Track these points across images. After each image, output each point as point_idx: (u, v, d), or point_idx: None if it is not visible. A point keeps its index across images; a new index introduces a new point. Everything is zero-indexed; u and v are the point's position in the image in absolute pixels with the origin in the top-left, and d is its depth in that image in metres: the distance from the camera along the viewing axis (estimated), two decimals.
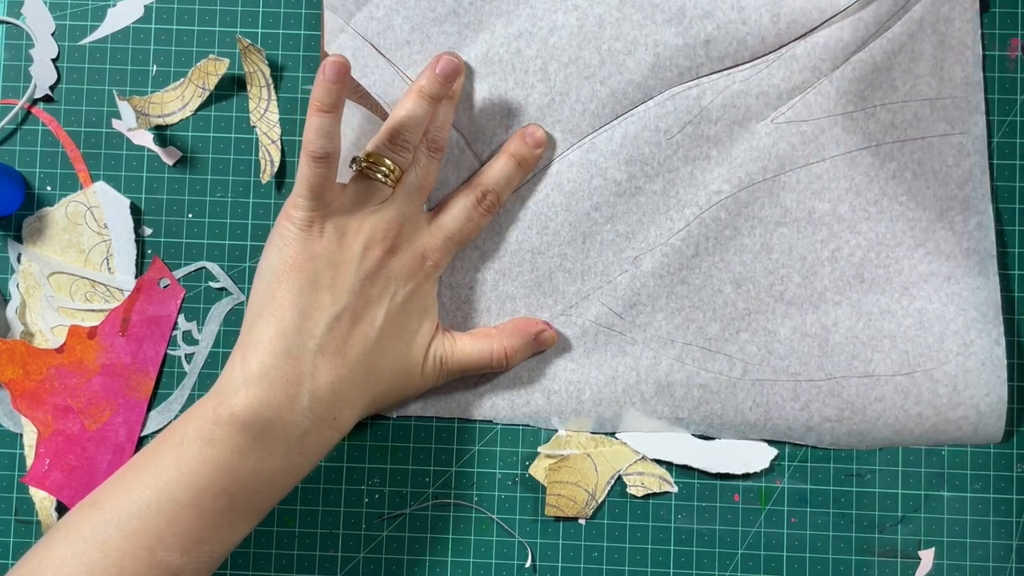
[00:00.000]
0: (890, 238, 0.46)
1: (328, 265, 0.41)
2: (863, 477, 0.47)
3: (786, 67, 0.46)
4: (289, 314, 0.40)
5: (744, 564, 0.47)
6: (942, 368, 0.46)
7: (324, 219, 0.41)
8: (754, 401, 0.47)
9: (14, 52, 0.49)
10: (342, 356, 0.40)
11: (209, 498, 0.38)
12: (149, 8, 0.49)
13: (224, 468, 0.38)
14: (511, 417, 0.48)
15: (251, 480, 0.38)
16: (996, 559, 0.46)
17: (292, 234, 0.41)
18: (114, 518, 0.37)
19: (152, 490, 0.38)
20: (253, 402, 0.38)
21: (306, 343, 0.39)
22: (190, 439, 0.38)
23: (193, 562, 0.38)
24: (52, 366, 0.48)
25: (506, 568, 0.47)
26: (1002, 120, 0.47)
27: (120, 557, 0.36)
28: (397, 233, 0.43)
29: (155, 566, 0.37)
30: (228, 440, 0.38)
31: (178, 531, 0.37)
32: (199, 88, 0.48)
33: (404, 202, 0.43)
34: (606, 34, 0.46)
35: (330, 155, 0.41)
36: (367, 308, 0.41)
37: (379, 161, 0.42)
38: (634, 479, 0.47)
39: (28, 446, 0.48)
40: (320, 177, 0.41)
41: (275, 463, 0.39)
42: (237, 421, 0.38)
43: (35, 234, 0.48)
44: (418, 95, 0.43)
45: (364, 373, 0.41)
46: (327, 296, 0.40)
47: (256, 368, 0.39)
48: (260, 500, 0.39)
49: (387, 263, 0.42)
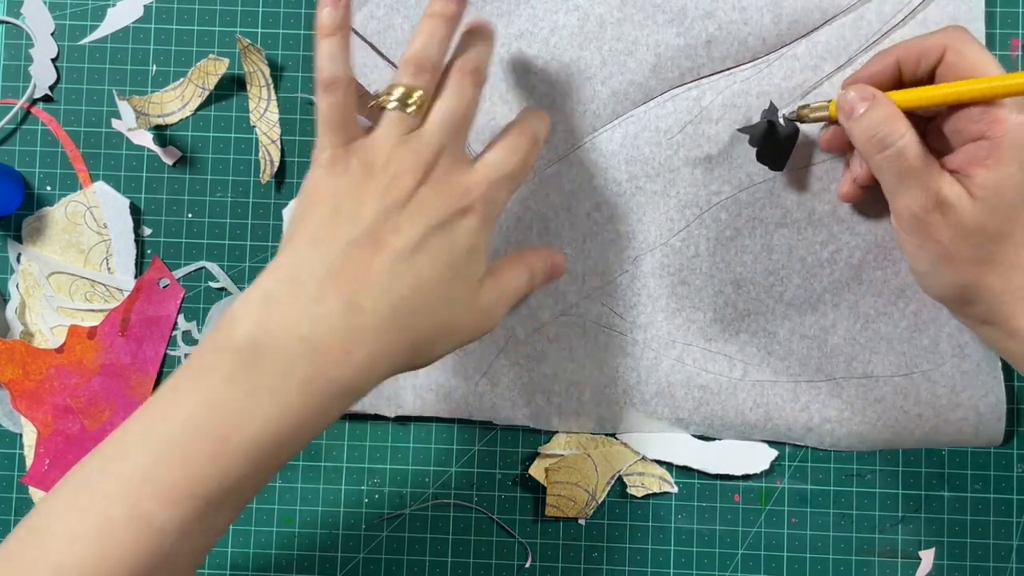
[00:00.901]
0: (888, 240, 0.46)
1: (350, 197, 0.36)
2: (863, 477, 0.47)
3: (787, 67, 0.46)
4: (303, 245, 0.36)
5: (744, 564, 0.47)
6: (939, 369, 0.46)
7: (348, 156, 0.37)
8: (754, 402, 0.47)
9: (14, 52, 0.49)
10: (357, 282, 0.35)
11: (197, 439, 0.33)
12: (149, 8, 0.49)
13: (214, 402, 0.34)
14: (511, 417, 0.48)
15: (243, 421, 0.33)
16: (996, 559, 0.46)
17: (316, 175, 0.37)
18: (101, 460, 0.34)
19: (142, 428, 0.34)
20: (248, 326, 0.34)
21: (314, 268, 0.35)
22: (184, 370, 0.35)
23: (179, 520, 0.33)
24: (52, 366, 0.48)
25: (506, 568, 0.47)
26: None
27: (106, 504, 0.33)
28: (430, 163, 0.37)
29: (139, 518, 0.32)
30: (220, 368, 0.34)
31: (163, 476, 0.33)
32: (199, 88, 0.48)
33: (437, 132, 0.38)
34: (607, 34, 0.46)
35: (340, 80, 0.37)
36: (394, 235, 0.36)
37: (394, 89, 0.38)
38: (634, 479, 0.47)
39: (28, 446, 0.48)
40: (336, 108, 0.37)
41: (271, 399, 0.34)
42: (230, 346, 0.34)
43: (35, 234, 0.48)
44: (430, 18, 0.39)
45: (389, 305, 0.35)
46: (346, 224, 0.36)
47: (256, 295, 0.35)
48: (256, 453, 0.34)
49: (418, 193, 0.37)
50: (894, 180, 0.39)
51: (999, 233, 0.38)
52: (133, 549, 0.32)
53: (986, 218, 0.37)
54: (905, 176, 0.38)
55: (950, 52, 0.38)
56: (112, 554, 0.32)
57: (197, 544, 0.34)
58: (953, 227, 0.38)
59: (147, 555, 0.32)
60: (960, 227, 0.38)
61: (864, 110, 0.39)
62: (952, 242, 0.38)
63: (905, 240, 0.40)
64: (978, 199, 0.37)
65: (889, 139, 0.38)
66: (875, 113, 0.39)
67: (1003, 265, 0.38)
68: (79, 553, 0.32)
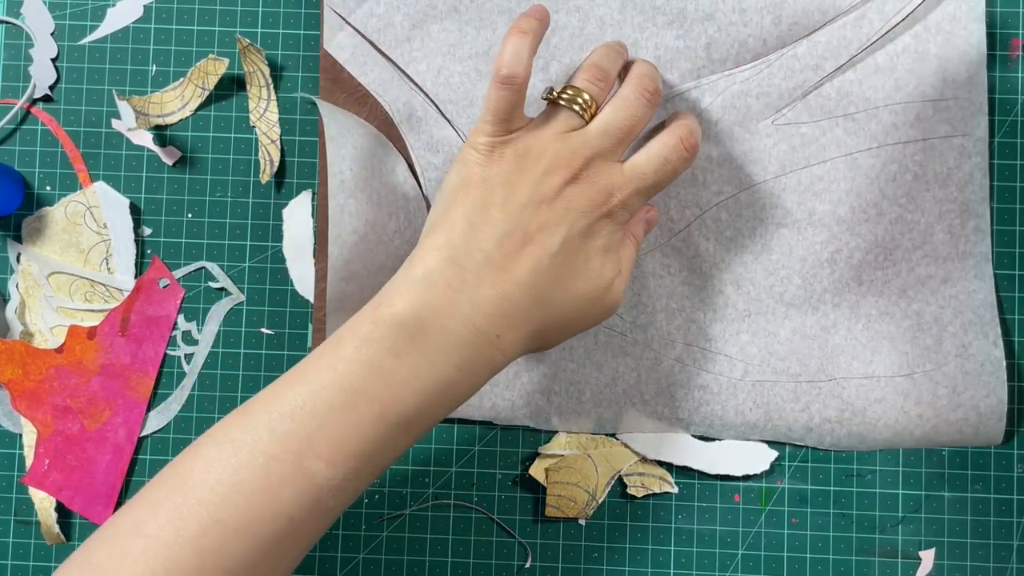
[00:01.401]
0: (888, 240, 0.46)
1: (503, 184, 0.39)
2: (864, 477, 0.47)
3: (787, 67, 0.46)
4: (459, 226, 0.39)
5: (744, 565, 0.47)
6: (941, 370, 0.46)
7: (506, 144, 0.40)
8: (754, 402, 0.46)
9: (13, 52, 0.49)
10: (509, 273, 0.38)
11: (362, 404, 0.36)
12: (148, 8, 0.49)
13: (378, 371, 0.37)
14: (511, 417, 0.47)
15: (404, 390, 0.37)
16: (997, 559, 0.46)
17: (472, 157, 0.40)
18: (265, 420, 0.36)
19: (306, 392, 0.37)
20: (412, 302, 0.37)
21: (472, 253, 0.38)
22: (347, 340, 0.37)
23: (339, 477, 0.36)
24: (51, 366, 0.48)
25: (506, 569, 0.47)
26: (1002, 120, 0.47)
27: (267, 460, 0.36)
28: (583, 164, 0.40)
29: (301, 474, 0.36)
30: (384, 340, 0.37)
31: (328, 437, 0.36)
32: (199, 88, 0.48)
33: (598, 137, 0.40)
34: (607, 36, 0.46)
35: (517, 78, 0.39)
36: (541, 231, 0.39)
37: (568, 88, 0.41)
38: (634, 479, 0.47)
39: (27, 446, 0.48)
40: (506, 101, 0.39)
41: (430, 371, 0.37)
42: (396, 320, 0.37)
43: (34, 234, 0.48)
44: (608, 46, 0.43)
45: (532, 297, 0.39)
46: (498, 213, 0.39)
47: (420, 271, 0.38)
48: (411, 417, 0.37)
49: (566, 191, 0.39)
50: None
51: None
52: (292, 503, 0.36)
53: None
54: None
55: None
56: (273, 508, 0.35)
57: (348, 498, 0.38)
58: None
59: (305, 508, 0.36)
60: None
61: None
62: None
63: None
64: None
65: None
66: None
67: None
68: (239, 505, 0.35)
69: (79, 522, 0.48)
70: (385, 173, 0.47)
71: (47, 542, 0.48)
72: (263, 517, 0.35)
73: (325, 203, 0.48)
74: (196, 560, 0.35)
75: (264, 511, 0.35)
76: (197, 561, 0.35)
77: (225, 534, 0.35)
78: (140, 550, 0.35)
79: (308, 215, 0.48)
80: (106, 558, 0.35)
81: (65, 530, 0.48)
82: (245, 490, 0.35)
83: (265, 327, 0.48)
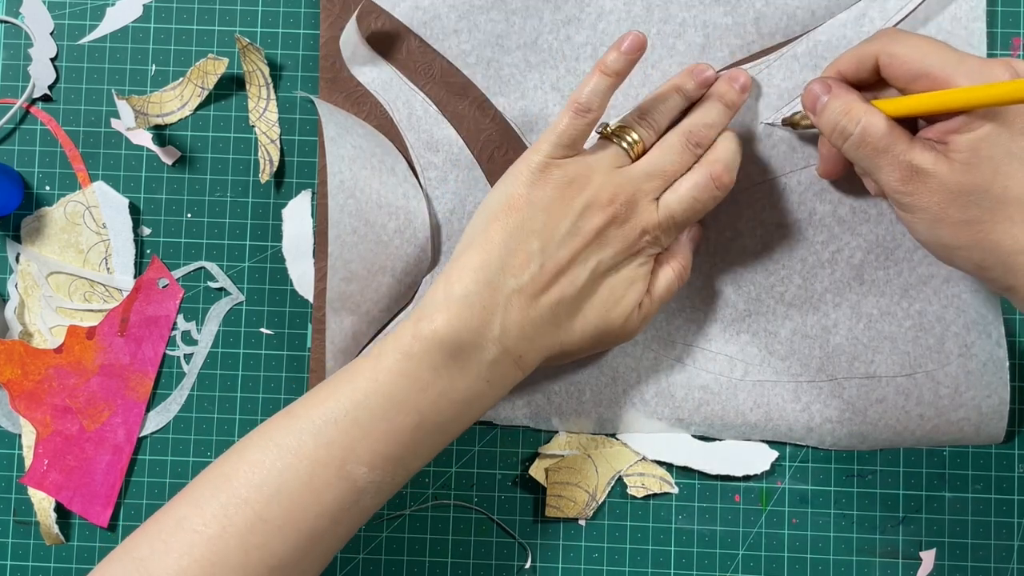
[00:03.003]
0: (889, 240, 0.46)
1: (544, 211, 0.41)
2: (864, 478, 0.47)
3: (787, 67, 0.46)
4: (497, 250, 0.40)
5: (745, 565, 0.47)
6: (943, 369, 0.46)
7: (558, 167, 0.41)
8: (755, 402, 0.46)
9: (13, 51, 0.49)
10: (535, 301, 0.40)
11: (403, 413, 0.39)
12: (148, 7, 0.48)
13: (418, 383, 0.39)
14: (511, 417, 0.47)
15: (441, 401, 0.39)
16: (998, 560, 0.46)
17: (523, 176, 0.41)
18: (309, 426, 0.39)
19: (349, 400, 0.39)
20: (452, 321, 0.39)
21: (507, 280, 0.40)
22: (389, 352, 0.39)
23: (377, 481, 0.39)
24: (51, 366, 0.48)
25: (506, 569, 0.47)
26: None
27: (311, 465, 0.38)
28: (623, 202, 0.41)
29: (344, 477, 0.38)
30: (425, 355, 0.39)
31: (370, 445, 0.38)
32: (198, 87, 0.48)
33: (641, 177, 0.42)
34: (654, 17, 0.46)
35: (593, 111, 0.41)
36: (572, 266, 0.41)
37: (622, 128, 0.43)
38: (634, 480, 0.47)
39: (27, 446, 0.48)
40: (576, 130, 0.41)
41: (464, 384, 0.40)
42: (437, 337, 0.39)
43: (34, 234, 0.48)
44: (674, 89, 0.44)
45: (553, 325, 0.41)
46: (536, 242, 0.40)
47: (459, 291, 0.40)
48: (445, 424, 0.40)
49: (603, 229, 0.41)
50: (867, 163, 0.40)
51: (987, 191, 0.38)
52: (335, 504, 0.38)
53: (967, 178, 0.38)
54: (874, 156, 0.39)
55: (883, 56, 0.39)
56: (315, 509, 0.38)
57: (385, 498, 0.40)
58: (936, 191, 0.38)
59: (345, 509, 0.38)
60: (943, 190, 0.38)
61: (827, 99, 0.40)
62: (940, 206, 0.38)
63: (900, 216, 0.41)
64: (956, 161, 0.38)
65: (849, 127, 0.39)
66: (834, 103, 0.40)
67: (1005, 223, 0.38)
68: (284, 506, 0.37)
69: (78, 522, 0.48)
70: (385, 173, 0.47)
71: (46, 542, 0.48)
72: (306, 517, 0.38)
73: (325, 203, 0.48)
74: (242, 555, 0.37)
75: (307, 511, 0.38)
76: (243, 556, 0.37)
77: (269, 531, 0.37)
78: (186, 545, 0.36)
79: (308, 215, 0.48)
80: (149, 552, 0.37)
81: (64, 530, 0.48)
82: (290, 491, 0.37)
83: (265, 327, 0.48)
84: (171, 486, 0.48)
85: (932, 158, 0.38)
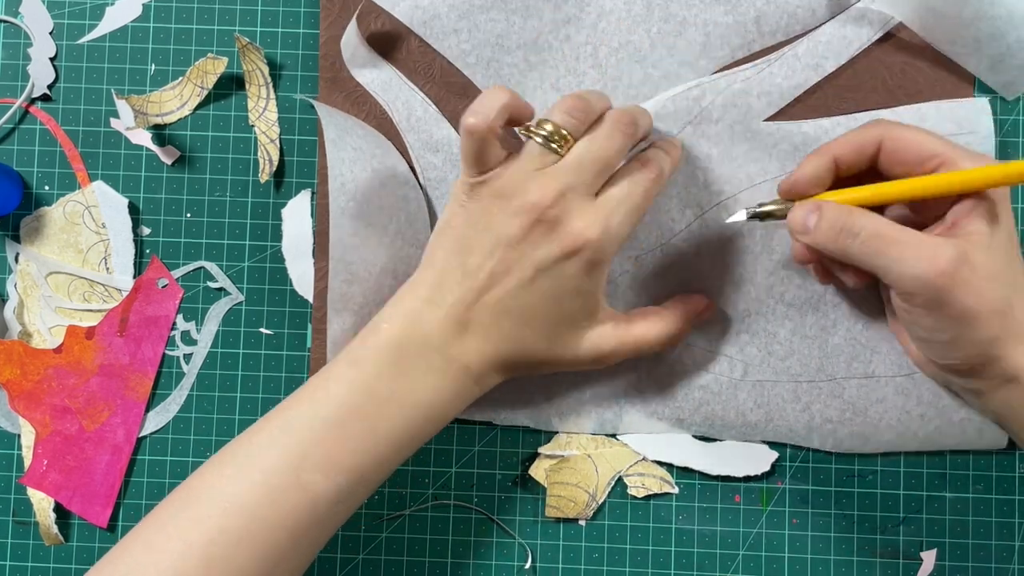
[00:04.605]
0: None
1: (474, 227, 0.41)
2: (865, 478, 0.47)
3: (788, 66, 0.46)
4: (437, 267, 0.42)
5: (745, 565, 0.47)
6: None
7: (483, 184, 0.41)
8: (755, 402, 0.46)
9: (12, 51, 0.49)
10: (477, 311, 0.41)
11: (354, 419, 0.39)
12: (147, 7, 0.48)
13: (366, 390, 0.40)
14: (511, 418, 0.47)
15: (390, 408, 0.40)
16: (998, 560, 0.46)
17: (457, 199, 0.42)
18: (266, 437, 0.40)
19: (302, 409, 0.40)
20: (395, 332, 0.41)
21: (445, 295, 0.41)
22: (341, 360, 0.41)
23: (334, 490, 0.39)
24: (50, 366, 0.48)
25: (506, 569, 0.47)
26: (1004, 119, 0.47)
27: (267, 474, 0.38)
28: (553, 202, 0.40)
29: (299, 486, 0.38)
30: (369, 361, 0.40)
31: (323, 451, 0.39)
32: (197, 87, 0.48)
33: (572, 172, 0.40)
34: (655, 16, 0.46)
35: (479, 129, 0.40)
36: (506, 275, 0.41)
37: (543, 123, 0.41)
38: (635, 480, 0.47)
39: (26, 447, 0.48)
40: (471, 147, 0.41)
41: (411, 395, 0.40)
42: (379, 345, 0.41)
43: (33, 234, 0.48)
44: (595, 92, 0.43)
45: (499, 336, 0.41)
46: (469, 257, 0.41)
47: (405, 306, 0.42)
48: (399, 433, 0.40)
49: (531, 234, 0.40)
50: (887, 261, 0.38)
51: (1013, 278, 0.38)
52: (292, 515, 0.38)
53: (999, 263, 0.38)
54: (894, 249, 0.37)
55: (888, 141, 0.39)
56: (273, 520, 0.38)
57: (346, 510, 0.40)
58: (977, 279, 0.37)
59: (304, 520, 0.38)
60: (983, 278, 0.37)
61: (816, 219, 0.39)
62: (979, 296, 0.37)
63: (918, 318, 0.39)
64: (985, 246, 0.37)
65: (855, 227, 0.38)
66: (829, 214, 0.39)
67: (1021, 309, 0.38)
68: (242, 516, 0.38)
69: (77, 523, 0.48)
70: (385, 174, 0.46)
71: (45, 543, 0.48)
72: (264, 528, 0.38)
73: (325, 202, 0.47)
74: (203, 569, 0.37)
75: (265, 523, 0.38)
76: (204, 570, 0.37)
77: (229, 543, 0.37)
78: (152, 565, 0.37)
79: (307, 214, 0.48)
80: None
81: (63, 531, 0.48)
82: (248, 503, 0.38)
83: (264, 327, 0.48)
84: (171, 486, 0.48)
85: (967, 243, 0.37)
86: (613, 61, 0.46)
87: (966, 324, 0.38)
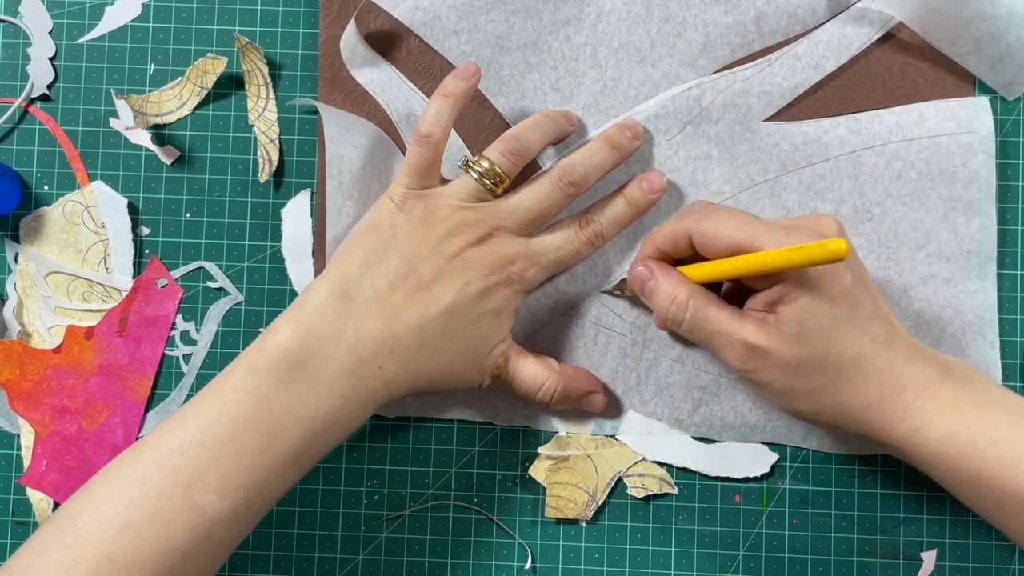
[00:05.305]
0: (892, 240, 0.46)
1: (406, 235, 0.41)
2: (865, 478, 0.47)
3: (788, 66, 0.46)
4: (356, 264, 0.40)
5: (745, 566, 0.47)
6: None
7: (418, 199, 0.42)
8: (754, 403, 0.46)
9: (11, 51, 0.49)
10: (398, 312, 0.40)
11: (249, 434, 0.37)
12: (147, 6, 0.48)
13: (264, 400, 0.38)
14: (511, 418, 0.47)
15: (289, 419, 0.38)
16: (998, 560, 0.46)
17: (385, 207, 0.42)
18: (155, 455, 0.37)
19: (195, 425, 0.38)
20: (299, 330, 0.39)
21: (364, 289, 0.40)
22: (236, 369, 0.39)
23: (230, 508, 0.37)
24: (49, 366, 0.48)
25: (506, 570, 0.47)
26: (1004, 119, 0.47)
27: (158, 496, 0.36)
28: (485, 235, 0.42)
29: (191, 507, 0.36)
30: (270, 367, 0.38)
31: (217, 470, 0.37)
32: (197, 87, 0.48)
33: (505, 214, 0.42)
34: (654, 16, 0.46)
35: (434, 137, 0.42)
36: (436, 283, 0.41)
37: (482, 161, 0.42)
38: (635, 480, 0.47)
39: (25, 447, 0.48)
40: (422, 158, 0.42)
41: (314, 399, 0.38)
42: (281, 348, 0.38)
43: (32, 234, 0.48)
44: (544, 115, 0.45)
45: (419, 341, 0.40)
46: (397, 258, 0.41)
47: (310, 301, 0.40)
48: (298, 446, 0.38)
49: (466, 252, 0.41)
50: (706, 344, 0.41)
51: (825, 360, 0.38)
52: (185, 537, 0.36)
53: (803, 350, 0.38)
54: (711, 338, 0.40)
55: (695, 235, 0.40)
56: (164, 543, 0.36)
57: (242, 529, 0.39)
58: (777, 366, 0.39)
59: (198, 542, 0.36)
60: (783, 364, 0.39)
61: (652, 284, 0.41)
62: (784, 379, 0.39)
63: (749, 387, 0.42)
64: (788, 335, 0.38)
65: (679, 314, 0.40)
66: (660, 289, 0.41)
67: (847, 385, 0.39)
68: (131, 542, 0.36)
69: None
70: (384, 173, 0.46)
71: None
72: (155, 553, 0.36)
73: (324, 202, 0.47)
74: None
75: (156, 547, 0.36)
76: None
77: (117, 571, 0.35)
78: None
79: (307, 214, 0.48)
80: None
81: None
82: (136, 526, 0.36)
83: (264, 327, 0.48)
84: None
85: (765, 334, 0.38)
86: (613, 62, 0.46)
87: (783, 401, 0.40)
